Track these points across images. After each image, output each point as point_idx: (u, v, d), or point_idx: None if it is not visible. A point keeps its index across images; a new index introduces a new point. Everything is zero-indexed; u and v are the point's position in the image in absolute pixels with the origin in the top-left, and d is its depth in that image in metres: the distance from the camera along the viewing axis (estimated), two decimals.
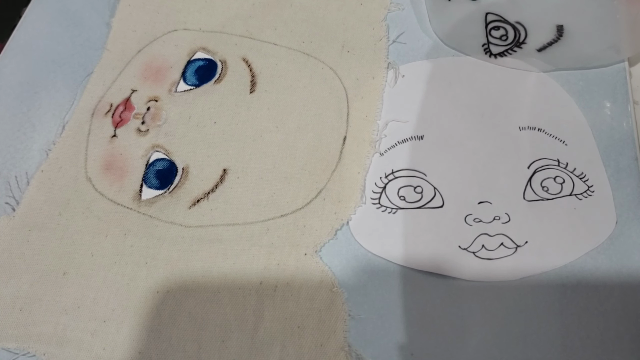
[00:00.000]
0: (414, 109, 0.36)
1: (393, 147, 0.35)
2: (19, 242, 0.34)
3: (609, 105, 0.34)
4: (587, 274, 0.30)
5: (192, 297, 0.32)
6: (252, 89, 0.38)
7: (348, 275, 0.32)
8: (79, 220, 0.35)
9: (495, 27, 0.36)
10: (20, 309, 0.32)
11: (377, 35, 0.39)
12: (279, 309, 0.31)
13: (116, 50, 0.41)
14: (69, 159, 0.37)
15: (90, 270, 0.33)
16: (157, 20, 0.42)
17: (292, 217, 0.34)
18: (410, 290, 0.31)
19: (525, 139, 0.34)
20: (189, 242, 0.34)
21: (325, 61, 0.38)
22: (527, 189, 0.32)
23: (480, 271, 0.31)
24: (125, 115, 0.38)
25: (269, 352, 0.30)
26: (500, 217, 0.32)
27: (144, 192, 0.35)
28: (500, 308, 0.30)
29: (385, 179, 0.34)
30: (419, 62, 0.38)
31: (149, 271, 0.33)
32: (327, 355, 0.30)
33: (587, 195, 0.32)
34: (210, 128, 0.37)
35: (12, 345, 0.32)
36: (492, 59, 0.37)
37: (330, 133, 0.36)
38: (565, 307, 0.29)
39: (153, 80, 0.39)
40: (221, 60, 0.39)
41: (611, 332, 0.29)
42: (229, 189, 0.35)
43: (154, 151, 0.36)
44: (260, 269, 0.32)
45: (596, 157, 0.33)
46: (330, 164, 0.35)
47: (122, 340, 0.31)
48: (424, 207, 0.33)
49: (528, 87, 0.36)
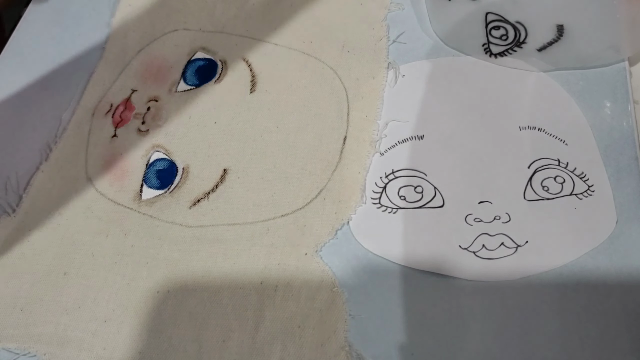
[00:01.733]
0: (414, 109, 0.36)
1: (393, 147, 0.35)
2: (19, 242, 0.34)
3: (609, 104, 0.34)
4: (587, 274, 0.30)
5: (193, 297, 0.32)
6: (253, 89, 0.38)
7: (348, 275, 0.32)
8: (80, 220, 0.35)
9: (495, 26, 0.36)
10: (21, 309, 0.32)
11: (377, 35, 0.39)
12: (279, 309, 0.31)
13: (116, 50, 0.41)
14: (69, 159, 0.37)
15: (90, 271, 0.33)
16: (157, 20, 0.42)
17: (293, 217, 0.34)
18: (410, 290, 0.31)
19: (525, 139, 0.34)
20: (190, 242, 0.34)
21: (326, 61, 0.38)
22: (528, 189, 0.32)
23: (480, 271, 0.31)
24: (125, 115, 0.38)
25: (270, 352, 0.30)
26: (501, 217, 0.32)
27: (144, 192, 0.35)
28: (500, 308, 0.30)
29: (385, 178, 0.34)
30: (419, 62, 0.38)
31: (150, 271, 0.33)
32: (327, 355, 0.30)
33: (588, 194, 0.32)
34: (211, 128, 0.37)
35: (12, 346, 0.32)
36: (492, 58, 0.37)
37: (331, 133, 0.36)
38: (566, 307, 0.29)
39: (153, 80, 0.39)
40: (221, 60, 0.39)
41: (611, 332, 0.29)
42: (229, 188, 0.35)
43: (154, 151, 0.36)
44: (261, 269, 0.32)
45: (596, 156, 0.33)
46: (331, 163, 0.35)
47: (123, 340, 0.31)
48: (424, 207, 0.33)
49: (528, 87, 0.36)
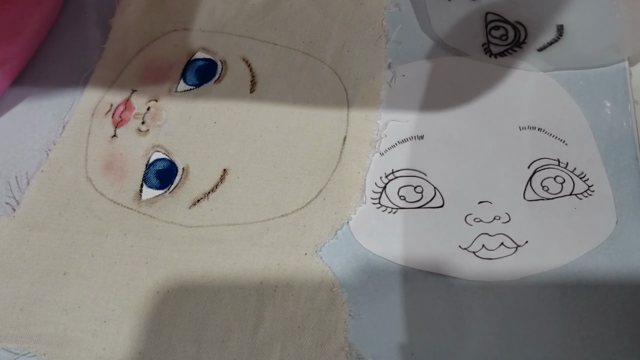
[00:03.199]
0: (414, 109, 0.36)
1: (393, 147, 0.35)
2: (19, 242, 0.34)
3: (609, 104, 0.34)
4: (588, 274, 0.30)
5: (193, 297, 0.32)
6: (252, 89, 0.38)
7: (348, 275, 0.32)
8: (79, 220, 0.35)
9: (495, 26, 0.36)
10: (20, 309, 0.32)
11: (377, 35, 0.39)
12: (279, 309, 0.31)
13: (116, 50, 0.41)
14: (69, 159, 0.37)
15: (90, 271, 0.33)
16: (157, 20, 0.42)
17: (293, 217, 0.34)
18: (410, 290, 0.31)
19: (525, 139, 0.34)
20: (189, 242, 0.34)
21: (325, 61, 0.38)
22: (528, 189, 0.32)
23: (480, 271, 0.31)
24: (125, 115, 0.38)
25: (270, 352, 0.30)
26: (501, 217, 0.32)
27: (144, 192, 0.35)
28: (500, 308, 0.30)
29: (385, 178, 0.34)
30: (419, 62, 0.38)
31: (150, 271, 0.33)
32: (327, 355, 0.30)
33: (588, 194, 0.32)
34: (211, 128, 0.37)
35: (12, 346, 0.32)
36: (492, 58, 0.37)
37: (330, 133, 0.36)
38: (566, 307, 0.29)
39: (153, 80, 0.39)
40: (221, 60, 0.39)
41: (611, 332, 0.29)
42: (229, 188, 0.35)
43: (154, 151, 0.36)
44: (261, 269, 0.32)
45: (596, 156, 0.33)
46: (331, 163, 0.35)
47: (123, 340, 0.31)
48: (424, 207, 0.33)
49: (528, 87, 0.36)
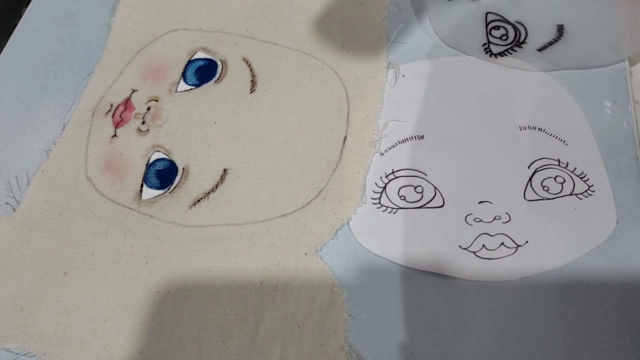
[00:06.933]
0: (414, 108, 0.36)
1: (393, 147, 0.35)
2: (19, 242, 0.34)
3: (609, 104, 0.34)
4: (588, 274, 0.30)
5: (193, 297, 0.32)
6: (253, 89, 0.38)
7: (348, 275, 0.32)
8: (80, 220, 0.35)
9: (495, 26, 0.36)
10: (20, 309, 0.32)
11: (377, 35, 0.39)
12: (279, 309, 0.31)
13: (116, 50, 0.41)
14: (69, 158, 0.37)
15: (90, 270, 0.33)
16: (157, 20, 0.42)
17: (293, 217, 0.34)
18: (410, 290, 0.31)
19: (525, 139, 0.34)
20: (190, 242, 0.34)
21: (326, 61, 0.38)
22: (528, 189, 0.32)
23: (480, 271, 0.31)
24: (125, 115, 0.38)
25: (270, 352, 0.30)
26: (501, 217, 0.32)
27: (144, 192, 0.35)
28: (500, 308, 0.30)
29: (385, 178, 0.34)
30: (419, 62, 0.38)
31: (150, 271, 0.33)
32: (327, 355, 0.30)
33: (588, 194, 0.32)
34: (211, 128, 0.37)
35: (12, 346, 0.32)
36: (493, 58, 0.37)
37: (331, 133, 0.36)
38: (566, 307, 0.29)
39: (153, 80, 0.39)
40: (221, 60, 0.39)
41: (612, 332, 0.29)
42: (229, 188, 0.35)
43: (154, 151, 0.36)
44: (261, 269, 0.32)
45: (596, 156, 0.33)
46: (331, 163, 0.35)
47: (123, 340, 0.31)
48: (424, 207, 0.33)
49: (528, 87, 0.36)
